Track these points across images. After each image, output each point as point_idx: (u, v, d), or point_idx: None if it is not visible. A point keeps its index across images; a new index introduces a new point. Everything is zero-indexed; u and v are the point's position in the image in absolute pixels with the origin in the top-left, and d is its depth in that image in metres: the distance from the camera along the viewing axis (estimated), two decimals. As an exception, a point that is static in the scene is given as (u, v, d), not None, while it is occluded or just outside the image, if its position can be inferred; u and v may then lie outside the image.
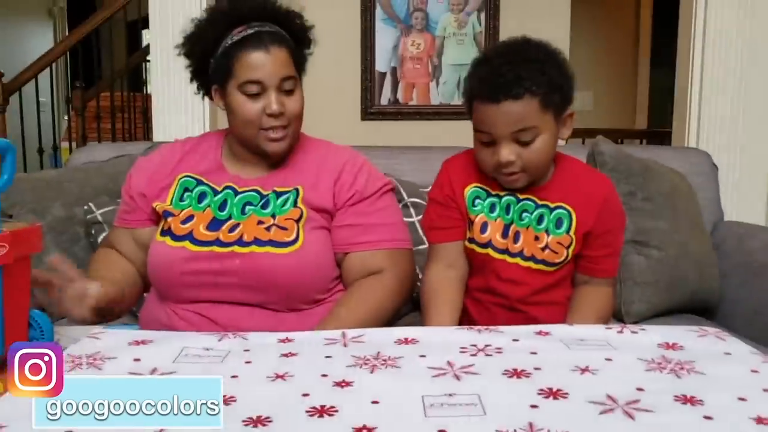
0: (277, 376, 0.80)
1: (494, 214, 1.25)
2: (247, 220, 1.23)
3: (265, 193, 1.26)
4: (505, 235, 1.24)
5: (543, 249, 1.23)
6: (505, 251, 1.24)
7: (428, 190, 1.75)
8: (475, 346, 0.90)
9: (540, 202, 1.24)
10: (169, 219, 1.24)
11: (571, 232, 1.22)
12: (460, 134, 3.05)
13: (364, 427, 0.66)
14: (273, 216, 1.23)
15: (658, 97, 4.20)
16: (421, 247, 1.65)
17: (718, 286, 1.77)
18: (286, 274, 1.19)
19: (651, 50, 4.33)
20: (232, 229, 1.22)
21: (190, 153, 1.33)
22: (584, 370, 0.81)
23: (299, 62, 1.30)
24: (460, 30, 3.31)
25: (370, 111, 3.33)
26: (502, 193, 1.25)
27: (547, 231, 1.23)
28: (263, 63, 1.21)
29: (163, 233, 1.24)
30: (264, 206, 1.24)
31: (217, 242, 1.21)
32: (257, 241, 1.21)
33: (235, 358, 0.87)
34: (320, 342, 0.93)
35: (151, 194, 1.30)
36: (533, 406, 0.71)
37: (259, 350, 0.90)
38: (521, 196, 1.24)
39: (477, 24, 3.30)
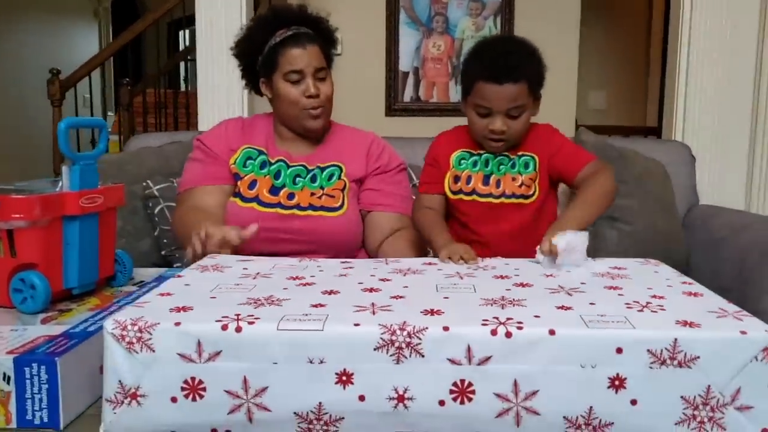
0: (340, 275, 1.14)
1: (476, 168, 1.60)
2: (301, 191, 1.57)
3: (311, 168, 1.61)
4: (486, 182, 1.58)
5: (519, 186, 1.57)
6: (489, 195, 1.58)
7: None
8: (477, 266, 1.25)
9: (512, 156, 1.59)
10: (238, 182, 1.58)
11: (536, 169, 1.58)
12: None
13: (397, 296, 0.99)
14: (321, 188, 1.58)
15: (670, 96, 4.44)
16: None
17: (683, 258, 2.06)
18: (336, 233, 1.56)
19: (662, 51, 4.57)
20: (290, 197, 1.57)
21: (247, 129, 1.67)
22: (548, 276, 1.14)
23: (328, 56, 1.64)
24: (478, 32, 3.61)
25: (394, 107, 3.66)
26: (482, 152, 1.60)
27: (519, 172, 1.57)
28: (301, 56, 1.56)
29: (234, 195, 1.58)
30: (313, 180, 1.59)
31: (279, 205, 1.56)
32: (312, 207, 1.56)
33: (312, 268, 1.21)
34: (369, 263, 1.28)
35: (226, 157, 1.62)
36: (507, 289, 1.04)
37: (328, 266, 1.24)
38: (497, 155, 1.59)
39: (493, 27, 3.60)
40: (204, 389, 0.84)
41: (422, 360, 0.84)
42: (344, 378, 0.85)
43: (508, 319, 0.87)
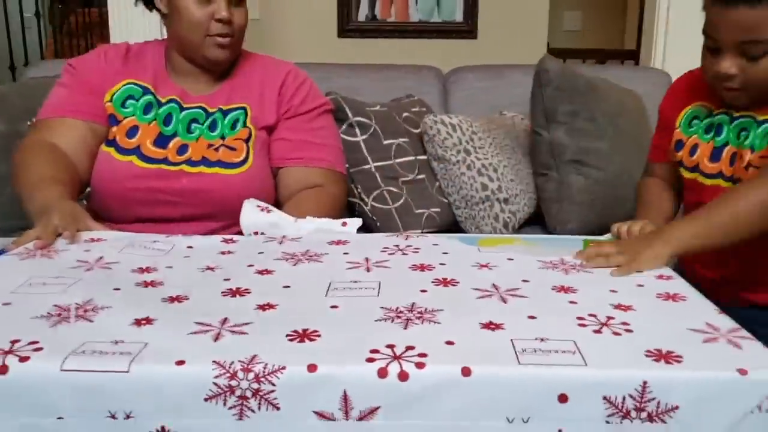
0: (208, 268, 0.86)
1: (708, 136, 1.16)
2: (196, 142, 1.24)
3: (211, 110, 1.26)
4: (715, 157, 1.14)
5: (746, 168, 1.10)
6: (719, 175, 1.14)
7: (376, 108, 1.76)
8: (397, 246, 0.96)
9: (761, 118, 1.10)
10: (114, 128, 1.25)
11: None
12: (439, 53, 3.05)
13: (268, 304, 0.72)
14: (222, 137, 1.25)
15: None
16: (365, 166, 1.67)
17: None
18: (234, 194, 1.19)
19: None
20: (180, 150, 1.23)
21: (133, 58, 1.32)
22: (483, 266, 0.86)
23: None
24: (440, -58, 3.21)
25: (347, 28, 3.28)
26: (718, 111, 1.15)
27: (752, 148, 1.09)
28: None
29: (108, 143, 1.25)
30: (212, 127, 1.25)
31: (165, 161, 1.22)
32: (205, 161, 1.23)
33: (177, 253, 0.93)
34: (259, 241, 0.99)
35: (100, 91, 1.28)
36: (422, 290, 0.77)
37: (200, 247, 0.96)
38: (736, 114, 1.13)
39: (457, -64, 3.20)
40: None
41: (277, 415, 0.57)
42: (163, 440, 0.58)
43: (407, 348, 0.60)
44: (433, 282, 0.80)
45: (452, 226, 1.72)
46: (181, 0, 1.21)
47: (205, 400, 0.57)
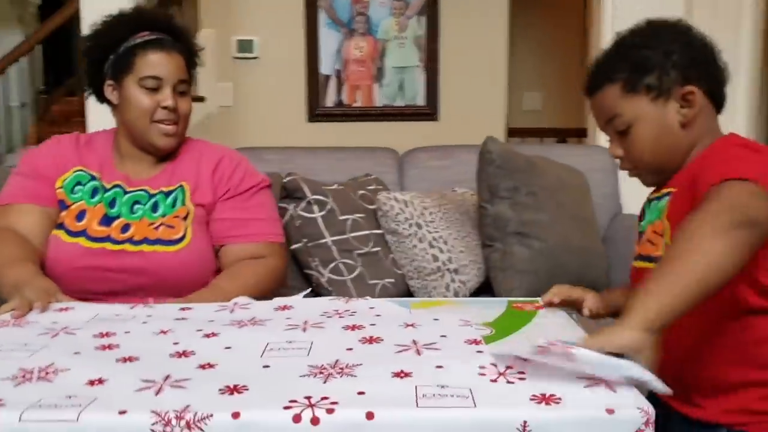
0: (161, 332, 0.95)
1: (643, 223, 1.12)
2: (139, 222, 1.35)
3: (153, 192, 1.38)
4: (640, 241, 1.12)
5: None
6: (639, 258, 1.10)
7: (334, 186, 1.89)
8: (336, 311, 1.05)
9: (652, 196, 1.10)
10: (63, 212, 1.36)
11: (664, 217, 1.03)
12: (403, 135, 3.21)
13: (208, 364, 0.81)
14: (163, 216, 1.36)
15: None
16: (321, 240, 1.78)
17: (604, 273, 1.92)
18: (174, 270, 1.31)
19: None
20: (124, 229, 1.33)
21: (84, 148, 1.43)
22: (408, 326, 0.95)
23: (191, 72, 1.43)
24: (402, 33, 3.44)
25: (316, 113, 3.46)
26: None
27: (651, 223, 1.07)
28: (163, 62, 1.35)
29: (58, 227, 1.35)
30: (154, 209, 1.37)
31: (110, 239, 1.33)
32: (147, 240, 1.33)
33: (137, 319, 1.02)
34: (211, 309, 1.08)
35: (53, 177, 1.39)
36: (348, 349, 0.86)
37: (158, 315, 1.05)
38: (651, 196, 1.11)
39: (417, 27, 3.43)
40: None
41: (207, 457, 0.66)
42: (109, 483, 0.66)
43: (322, 398, 0.70)
44: (359, 340, 0.89)
45: (406, 295, 1.83)
46: (130, 90, 1.35)
47: (144, 445, 0.66)
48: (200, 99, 3.47)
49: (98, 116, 2.55)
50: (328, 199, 1.81)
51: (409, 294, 1.84)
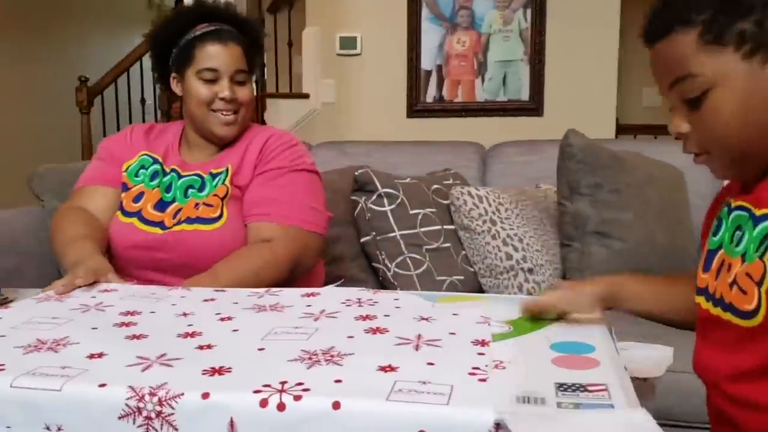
0: (183, 314, 0.97)
1: (715, 238, 0.85)
2: (188, 203, 1.39)
3: (203, 176, 1.42)
4: (707, 264, 0.85)
5: (731, 285, 0.79)
6: (703, 291, 0.85)
7: (406, 180, 1.87)
8: (359, 299, 1.03)
9: (759, 213, 0.78)
10: (123, 194, 1.43)
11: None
12: (505, 130, 3.13)
13: (208, 345, 0.82)
14: (207, 195, 1.39)
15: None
16: (390, 234, 1.76)
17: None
18: (211, 250, 1.32)
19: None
20: (176, 215, 1.38)
21: (155, 134, 1.51)
22: (423, 319, 0.92)
23: (252, 61, 1.46)
24: (506, 27, 3.36)
25: (416, 108, 3.45)
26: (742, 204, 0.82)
27: (743, 256, 0.78)
28: (220, 54, 1.39)
29: (118, 208, 1.43)
30: (201, 189, 1.41)
31: (161, 224, 1.37)
32: (187, 220, 1.36)
33: (168, 300, 1.05)
34: (244, 293, 1.09)
35: (122, 160, 1.46)
36: (349, 337, 0.84)
37: (191, 297, 1.08)
38: (734, 204, 0.83)
39: (523, 20, 3.33)
40: None
41: (176, 435, 0.66)
42: (86, 452, 0.68)
43: (297, 384, 0.68)
44: (364, 330, 0.87)
45: (477, 293, 1.77)
46: (191, 81, 1.40)
47: (119, 418, 0.67)
48: (304, 96, 3.56)
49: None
50: (399, 193, 1.79)
51: (481, 292, 1.78)
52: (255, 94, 1.47)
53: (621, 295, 0.97)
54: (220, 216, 1.36)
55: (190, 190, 1.40)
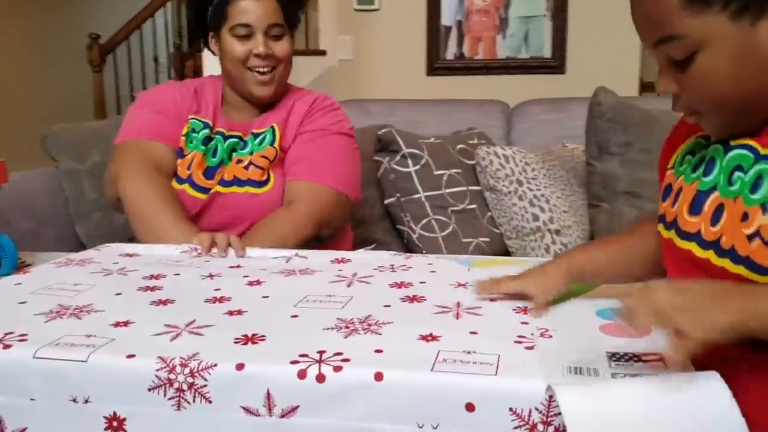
0: (210, 275, 0.95)
1: (695, 174, 0.78)
2: (233, 163, 1.35)
3: (246, 137, 1.38)
4: (696, 207, 0.76)
5: (751, 237, 0.69)
6: (694, 237, 0.76)
7: (431, 140, 1.81)
8: (392, 265, 1.00)
9: (764, 152, 0.72)
10: (178, 160, 1.38)
11: None
12: (527, 88, 3.05)
13: (238, 311, 0.79)
14: (251, 153, 1.35)
15: None
16: (414, 196, 1.72)
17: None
18: (260, 213, 1.31)
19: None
20: (222, 182, 1.34)
21: (199, 94, 1.44)
22: (460, 285, 0.89)
23: (289, 14, 1.40)
24: (529, -20, 3.24)
25: (436, 66, 3.36)
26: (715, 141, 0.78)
27: (763, 205, 0.69)
28: (253, 9, 1.34)
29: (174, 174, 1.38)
30: (243, 147, 1.37)
31: (209, 191, 1.34)
32: (237, 181, 1.33)
33: (193, 263, 1.03)
34: (270, 255, 1.08)
35: (180, 120, 1.39)
36: (386, 306, 0.80)
37: (215, 261, 1.06)
38: (733, 143, 0.76)
39: (546, -26, 3.22)
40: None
41: (208, 408, 0.63)
42: (115, 424, 0.65)
43: (335, 354, 0.65)
44: (401, 298, 0.83)
45: (503, 255, 1.73)
46: (226, 39, 1.34)
47: (149, 390, 0.64)
48: (321, 53, 3.48)
49: (215, 71, 2.63)
50: (424, 153, 1.74)
51: (507, 254, 1.74)
52: (293, 49, 1.40)
53: (586, 267, 0.90)
54: (268, 180, 1.33)
55: (235, 153, 1.36)
